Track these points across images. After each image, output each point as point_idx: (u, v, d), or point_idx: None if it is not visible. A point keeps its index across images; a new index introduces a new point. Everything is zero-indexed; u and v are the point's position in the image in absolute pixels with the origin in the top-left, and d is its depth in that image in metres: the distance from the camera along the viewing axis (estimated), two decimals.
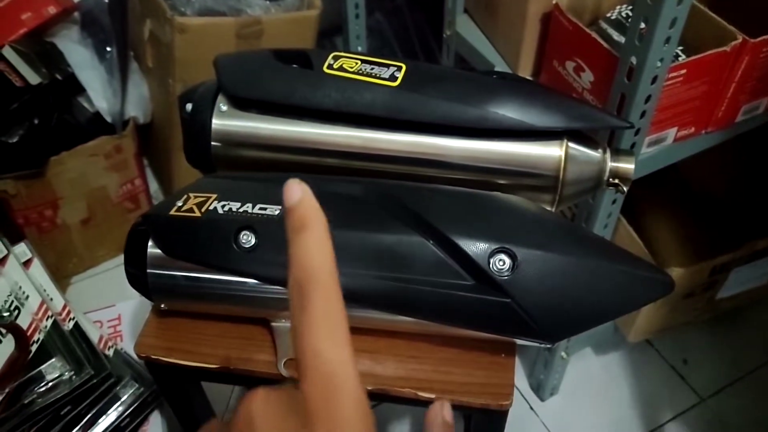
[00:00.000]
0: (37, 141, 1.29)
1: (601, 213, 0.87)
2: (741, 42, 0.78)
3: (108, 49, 1.37)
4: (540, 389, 1.26)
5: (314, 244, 0.29)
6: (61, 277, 1.43)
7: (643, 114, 0.77)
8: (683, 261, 1.06)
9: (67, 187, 1.35)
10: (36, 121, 1.31)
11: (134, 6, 1.39)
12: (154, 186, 1.60)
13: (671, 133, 0.84)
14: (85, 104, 1.40)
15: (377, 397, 0.59)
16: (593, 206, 0.88)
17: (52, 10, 1.34)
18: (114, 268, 1.49)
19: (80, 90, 1.37)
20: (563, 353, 1.16)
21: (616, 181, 0.64)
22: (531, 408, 1.26)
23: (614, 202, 0.88)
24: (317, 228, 0.30)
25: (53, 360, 0.69)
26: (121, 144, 1.37)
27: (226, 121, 0.66)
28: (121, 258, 1.54)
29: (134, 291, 0.60)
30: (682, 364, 1.32)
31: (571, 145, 0.62)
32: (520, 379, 1.29)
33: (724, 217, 1.14)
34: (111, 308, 0.94)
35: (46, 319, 0.72)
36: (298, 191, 0.31)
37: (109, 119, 1.37)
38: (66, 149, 1.32)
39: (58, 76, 1.34)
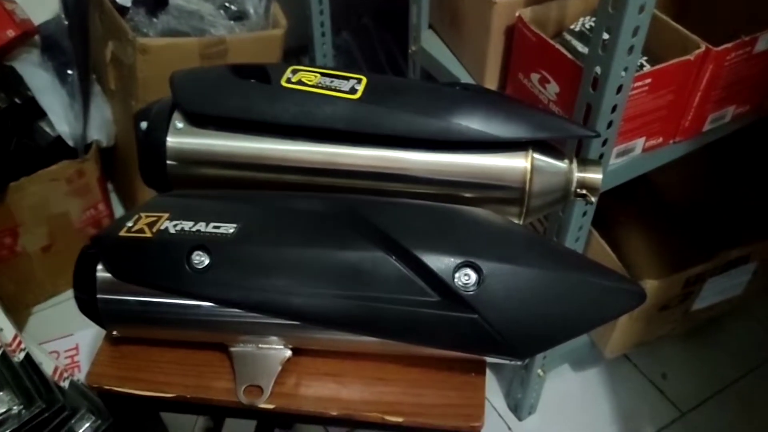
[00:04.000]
0: None
1: (572, 226, 0.86)
2: (704, 50, 0.78)
3: (69, 72, 1.34)
4: (518, 409, 1.24)
5: None
6: (21, 307, 1.38)
7: (610, 124, 0.76)
8: (657, 273, 1.05)
9: (28, 214, 1.31)
10: None
11: (96, 28, 1.36)
12: (119, 211, 1.56)
13: (639, 143, 0.84)
14: (47, 128, 1.36)
15: (343, 423, 0.57)
16: (564, 219, 0.86)
17: (11, 33, 1.30)
18: None
19: (41, 114, 1.33)
20: (540, 371, 1.14)
21: (584, 191, 0.63)
22: (509, 428, 1.23)
23: (584, 214, 0.87)
24: None
25: (1, 394, 0.65)
26: (84, 168, 1.34)
27: (182, 138, 0.64)
28: None
29: None
30: (661, 379, 1.30)
31: (537, 156, 0.61)
32: (497, 399, 1.27)
33: (697, 228, 1.13)
34: (68, 338, 0.90)
35: None
36: None
37: (71, 143, 1.33)
38: (26, 174, 1.28)
39: (18, 100, 1.30)
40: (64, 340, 0.90)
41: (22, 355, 0.70)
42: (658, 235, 1.13)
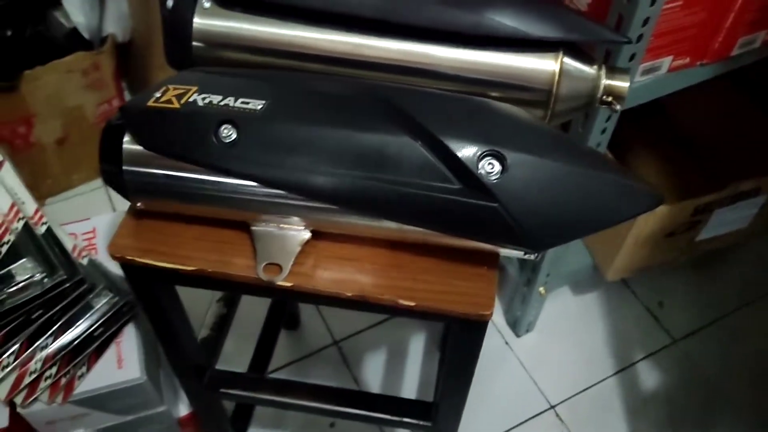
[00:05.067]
0: (10, 53, 1.25)
1: (591, 142, 0.86)
2: None
3: None
4: (516, 325, 1.27)
5: None
6: (35, 197, 1.40)
7: (640, 38, 0.75)
8: (667, 199, 1.06)
9: (42, 104, 1.31)
10: (9, 33, 1.26)
11: None
12: None
13: (666, 62, 0.83)
14: (62, 19, 1.34)
15: (357, 305, 0.59)
16: (583, 134, 0.86)
17: None
18: (90, 192, 1.45)
19: (56, 3, 1.32)
20: (541, 289, 1.16)
21: (610, 99, 0.62)
22: (506, 343, 1.27)
23: (603, 131, 0.87)
24: None
25: (24, 260, 0.67)
26: (99, 61, 1.33)
27: (208, 20, 0.63)
28: (97, 182, 1.51)
29: (110, 211, 0.58)
30: (657, 307, 1.33)
31: (566, 59, 0.60)
32: (497, 315, 1.30)
33: (710, 159, 1.13)
34: (86, 221, 0.92)
35: (17, 221, 0.70)
36: None
37: (86, 35, 1.32)
38: (41, 64, 1.27)
39: None
40: (82, 223, 0.91)
41: (43, 228, 0.72)
42: (670, 163, 1.13)
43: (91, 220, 0.92)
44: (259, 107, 0.53)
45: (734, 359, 1.25)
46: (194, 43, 0.63)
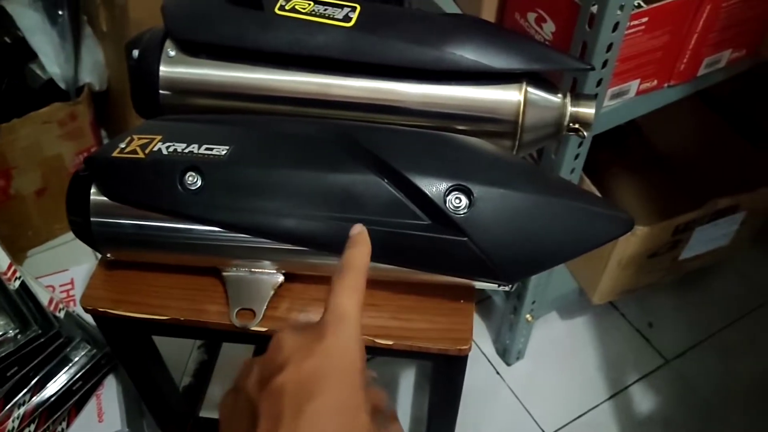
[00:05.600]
0: None
1: (564, 168, 0.86)
2: None
3: (60, 12, 1.32)
4: (506, 354, 1.26)
5: (361, 252, 0.42)
6: (16, 251, 1.39)
7: (605, 64, 0.76)
8: (647, 220, 1.06)
9: (20, 156, 1.30)
10: None
11: None
12: None
13: (633, 85, 0.84)
14: (38, 70, 1.35)
15: None
16: (555, 161, 0.87)
17: None
18: (73, 241, 1.44)
19: (32, 55, 1.32)
20: (528, 316, 1.16)
21: (577, 126, 0.63)
22: (497, 372, 1.26)
23: (576, 157, 0.87)
24: (365, 246, 0.43)
25: None
26: (76, 111, 1.33)
27: (174, 67, 0.63)
28: None
29: (92, 260, 0.57)
30: (647, 327, 1.33)
31: (530, 89, 0.61)
32: (486, 344, 1.29)
33: (687, 178, 1.14)
34: (64, 273, 0.91)
35: None
36: (359, 227, 0.44)
37: (62, 85, 1.32)
38: (17, 116, 1.27)
39: (8, 40, 1.29)
40: (60, 275, 0.90)
41: (17, 283, 0.71)
42: (648, 184, 1.14)
43: (69, 271, 0.91)
44: (224, 152, 0.53)
45: (727, 377, 1.24)
46: (161, 91, 0.64)
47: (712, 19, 0.80)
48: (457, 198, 0.50)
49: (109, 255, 0.58)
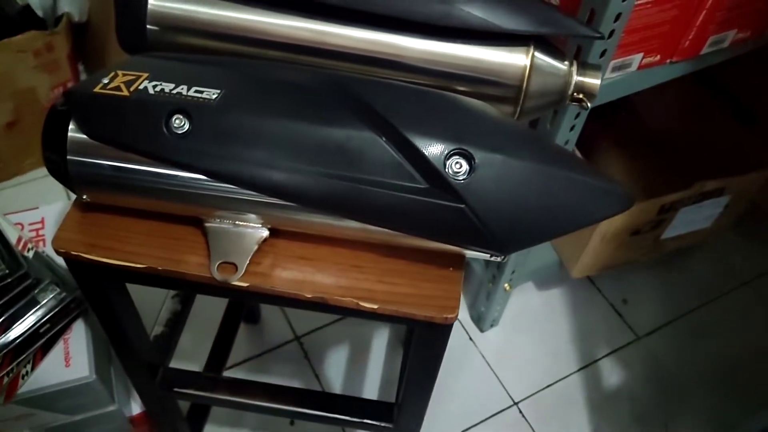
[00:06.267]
0: None
1: (559, 139, 0.85)
2: None
3: None
4: (480, 320, 1.26)
5: None
6: None
7: (611, 34, 0.74)
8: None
9: None
10: None
11: None
12: None
13: (636, 59, 0.82)
14: None
15: (317, 306, 0.56)
16: (551, 131, 0.85)
17: None
18: (43, 178, 1.39)
19: None
20: (506, 285, 1.15)
21: (581, 96, 0.61)
22: (470, 338, 1.26)
23: (572, 128, 0.85)
24: None
25: None
26: (53, 41, 1.27)
27: (164, 2, 0.59)
28: None
29: (64, 199, 0.54)
30: (622, 304, 1.34)
31: (537, 54, 0.58)
32: (461, 311, 1.29)
33: (675, 158, 1.13)
34: (34, 211, 0.87)
35: None
36: None
37: (39, 13, 1.26)
38: None
39: None
40: (30, 213, 0.87)
41: None
42: (636, 161, 1.13)
43: (39, 210, 0.88)
44: (214, 97, 0.50)
45: (695, 357, 1.26)
46: (149, 27, 0.60)
47: None
48: (457, 163, 0.48)
49: (85, 197, 0.55)
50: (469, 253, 0.55)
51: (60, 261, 0.79)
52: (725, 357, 1.26)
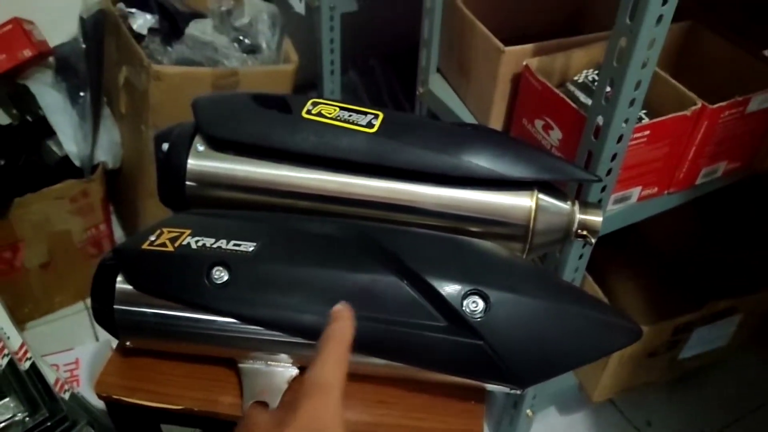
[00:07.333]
0: (3, 181, 1.27)
1: (569, 267, 0.89)
2: (700, 107, 0.82)
3: (81, 93, 1.37)
4: None
5: (344, 325, 0.45)
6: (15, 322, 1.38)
7: (609, 172, 0.80)
8: (647, 320, 1.08)
9: (29, 230, 1.33)
10: (3, 162, 1.29)
11: (111, 53, 1.40)
12: (119, 232, 1.57)
13: (635, 192, 0.87)
14: (54, 147, 1.39)
15: None
16: (560, 260, 0.89)
17: (27, 53, 1.33)
18: (71, 315, 1.44)
19: (50, 133, 1.36)
20: (528, 411, 1.15)
21: (585, 232, 0.66)
22: None
23: (581, 257, 0.90)
24: (348, 320, 0.46)
25: (6, 400, 0.66)
26: (88, 188, 1.36)
27: (202, 161, 0.66)
28: (78, 305, 1.49)
29: (91, 337, 0.59)
30: (646, 426, 1.32)
31: (541, 196, 0.63)
32: None
33: (686, 278, 1.16)
34: (69, 352, 0.91)
35: (2, 358, 0.69)
36: (341, 305, 0.48)
37: (77, 163, 1.36)
38: (32, 191, 1.30)
39: (29, 118, 1.33)
40: (65, 354, 0.91)
41: (28, 364, 0.71)
42: (648, 284, 1.16)
43: (74, 351, 0.92)
44: (251, 249, 0.55)
45: None
46: (188, 183, 0.66)
47: (708, 133, 0.85)
48: (474, 302, 0.52)
49: (128, 343, 0.59)
50: (490, 386, 0.58)
51: (95, 401, 0.82)
52: None
